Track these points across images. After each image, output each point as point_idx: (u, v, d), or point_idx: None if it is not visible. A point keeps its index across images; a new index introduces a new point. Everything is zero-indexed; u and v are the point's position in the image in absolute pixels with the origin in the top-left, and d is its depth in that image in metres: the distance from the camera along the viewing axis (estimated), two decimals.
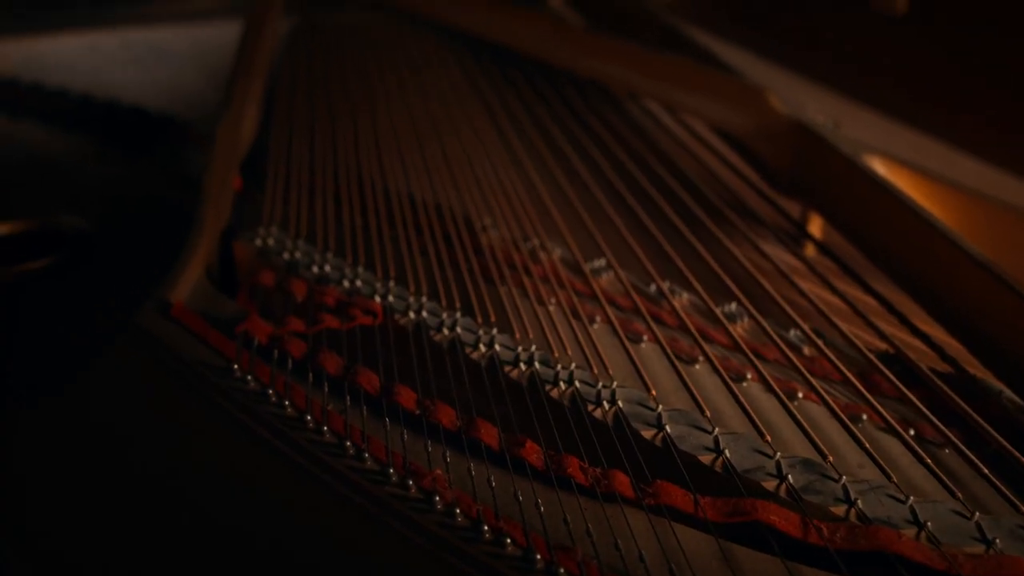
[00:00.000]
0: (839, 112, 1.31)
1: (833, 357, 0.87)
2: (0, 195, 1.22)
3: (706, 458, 0.74)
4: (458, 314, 0.91)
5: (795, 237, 1.14)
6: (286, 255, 1.00)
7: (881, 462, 0.73)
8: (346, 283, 0.95)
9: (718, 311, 0.95)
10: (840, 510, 0.70)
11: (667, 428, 0.77)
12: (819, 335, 0.92)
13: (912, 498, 0.70)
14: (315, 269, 0.98)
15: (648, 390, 0.82)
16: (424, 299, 0.93)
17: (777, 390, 0.82)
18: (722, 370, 0.85)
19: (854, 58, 1.43)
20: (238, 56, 1.41)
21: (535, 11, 1.65)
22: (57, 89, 1.49)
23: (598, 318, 0.95)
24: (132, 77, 1.64)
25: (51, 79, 1.58)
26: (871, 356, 0.87)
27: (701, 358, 0.90)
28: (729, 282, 0.98)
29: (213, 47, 1.79)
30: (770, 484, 0.72)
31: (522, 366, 0.84)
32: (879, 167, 1.14)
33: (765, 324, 0.92)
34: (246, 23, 1.56)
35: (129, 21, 1.92)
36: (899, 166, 1.15)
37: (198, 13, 1.98)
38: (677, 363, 0.85)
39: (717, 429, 0.76)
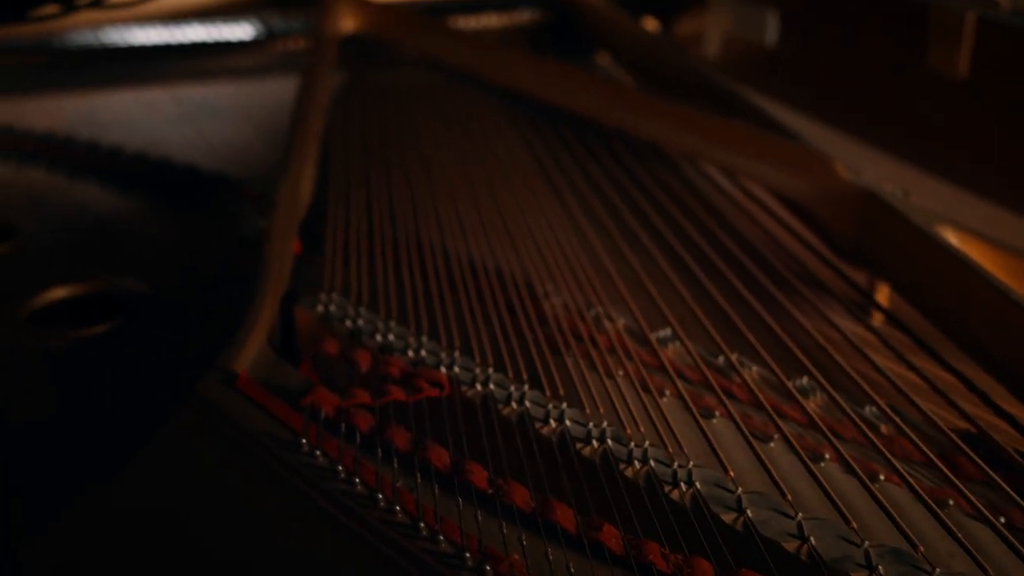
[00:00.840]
0: (906, 181, 1.29)
1: (914, 436, 0.84)
2: (57, 256, 1.22)
3: (790, 545, 0.72)
4: (526, 387, 0.89)
5: (864, 308, 1.11)
6: (348, 322, 0.98)
7: (974, 552, 0.70)
8: (410, 353, 0.94)
9: (790, 385, 0.93)
10: None
11: (748, 512, 0.74)
12: (897, 412, 0.90)
13: None
14: (378, 338, 0.96)
15: (725, 470, 0.79)
16: (490, 370, 0.91)
17: (859, 471, 0.80)
18: (799, 449, 0.82)
19: (919, 124, 1.41)
20: (294, 115, 1.41)
21: (585, 70, 1.65)
22: (113, 147, 1.50)
23: (668, 391, 0.92)
24: (184, 134, 1.64)
25: (106, 136, 1.59)
26: (953, 436, 0.84)
27: (776, 435, 0.87)
28: (800, 354, 0.96)
29: (264, 103, 1.79)
30: (859, 575, 0.69)
31: (594, 443, 0.82)
32: (951, 237, 1.12)
33: (841, 400, 0.90)
34: (301, 81, 1.56)
35: (180, 77, 1.93)
36: (971, 236, 1.12)
37: (249, 69, 1.99)
38: (752, 441, 0.83)
39: (800, 514, 0.74)
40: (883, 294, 1.17)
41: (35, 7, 1.16)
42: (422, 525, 0.71)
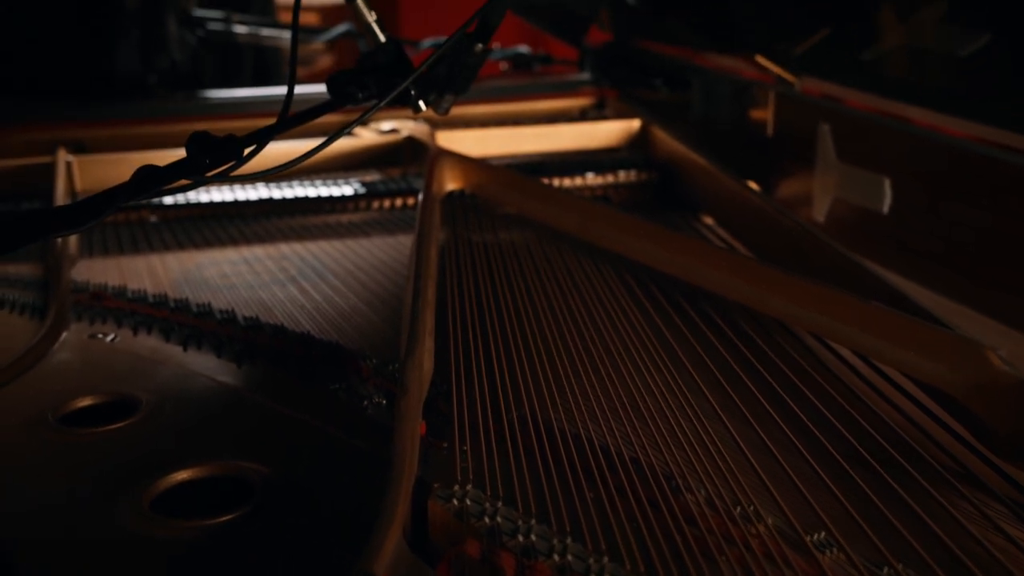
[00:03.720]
0: None
1: None
2: (178, 434, 1.20)
3: None
4: None
5: None
6: (486, 519, 0.94)
7: None
8: (556, 557, 0.88)
9: None
10: None
11: None
12: None
13: None
14: (520, 538, 0.91)
15: None
16: None
17: None
18: None
19: None
20: (410, 283, 1.39)
21: (702, 240, 1.62)
22: (225, 313, 1.49)
23: None
24: (290, 295, 1.63)
25: (212, 297, 1.59)
26: None
27: None
28: (972, 567, 0.89)
29: (367, 263, 1.78)
30: None
31: None
32: None
33: None
34: (413, 245, 1.55)
35: (283, 235, 1.94)
36: None
37: (350, 226, 1.99)
38: None
39: None
40: None
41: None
42: None
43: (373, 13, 1.44)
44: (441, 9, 4.33)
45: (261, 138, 1.31)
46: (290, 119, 1.34)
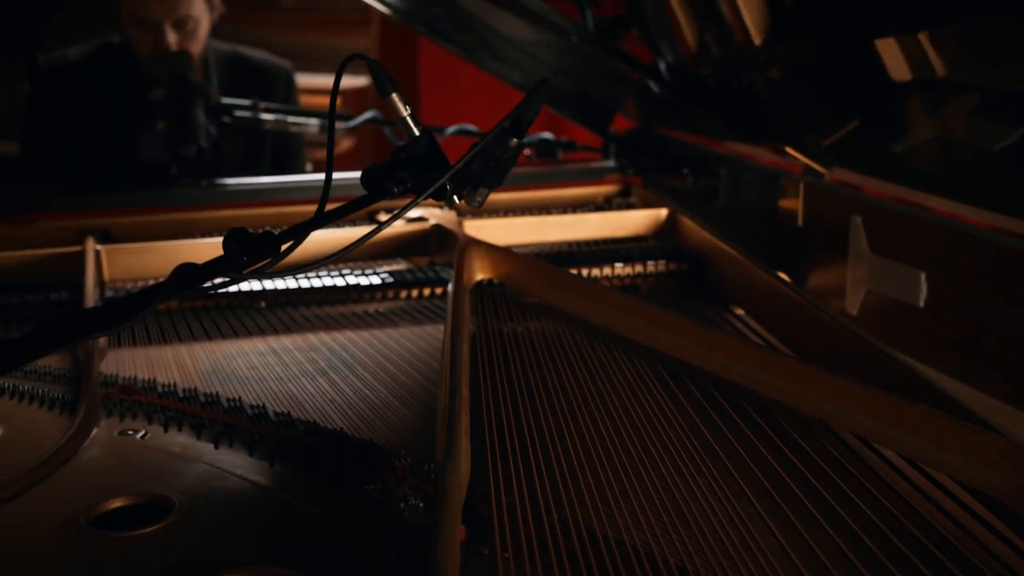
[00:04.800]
0: None
1: None
2: (213, 537, 1.17)
3: None
4: None
5: None
6: None
7: None
8: None
9: None
10: None
11: None
12: None
13: None
14: None
15: None
16: None
17: None
18: None
19: None
20: (447, 383, 1.38)
21: (738, 338, 1.60)
22: (256, 409, 1.47)
23: None
24: (320, 388, 1.61)
25: (240, 390, 1.57)
26: None
27: None
28: None
29: (396, 354, 1.77)
30: None
31: None
32: None
33: None
34: (445, 339, 1.53)
35: (310, 326, 1.92)
36: None
37: (380, 314, 1.97)
38: None
39: None
40: None
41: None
42: None
43: (408, 107, 1.44)
44: (461, 94, 4.39)
45: (298, 234, 1.30)
46: (326, 215, 1.34)
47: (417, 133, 1.42)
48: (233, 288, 1.97)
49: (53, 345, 1.02)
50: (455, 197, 1.44)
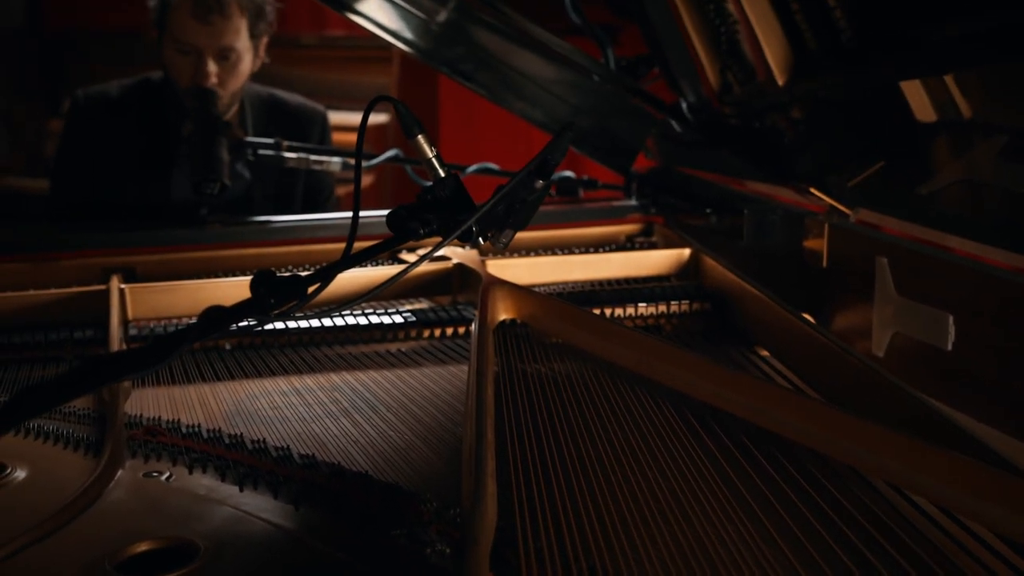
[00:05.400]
0: None
1: None
2: None
3: None
4: None
5: None
6: None
7: None
8: None
9: None
10: None
11: None
12: None
13: None
14: None
15: None
16: None
17: None
18: None
19: None
20: (474, 426, 1.37)
21: (766, 383, 1.59)
22: (280, 451, 1.46)
23: None
24: (343, 428, 1.61)
25: (263, 431, 1.57)
26: None
27: None
28: None
29: (419, 395, 1.76)
30: None
31: None
32: None
33: None
34: (471, 382, 1.53)
35: (334, 366, 1.92)
36: None
37: (403, 354, 1.97)
38: None
39: None
40: None
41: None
42: None
43: (433, 148, 1.44)
44: (481, 129, 4.41)
45: (325, 276, 1.30)
46: (353, 257, 1.34)
47: (443, 174, 1.43)
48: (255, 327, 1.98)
49: (87, 387, 1.02)
50: (480, 238, 1.45)
